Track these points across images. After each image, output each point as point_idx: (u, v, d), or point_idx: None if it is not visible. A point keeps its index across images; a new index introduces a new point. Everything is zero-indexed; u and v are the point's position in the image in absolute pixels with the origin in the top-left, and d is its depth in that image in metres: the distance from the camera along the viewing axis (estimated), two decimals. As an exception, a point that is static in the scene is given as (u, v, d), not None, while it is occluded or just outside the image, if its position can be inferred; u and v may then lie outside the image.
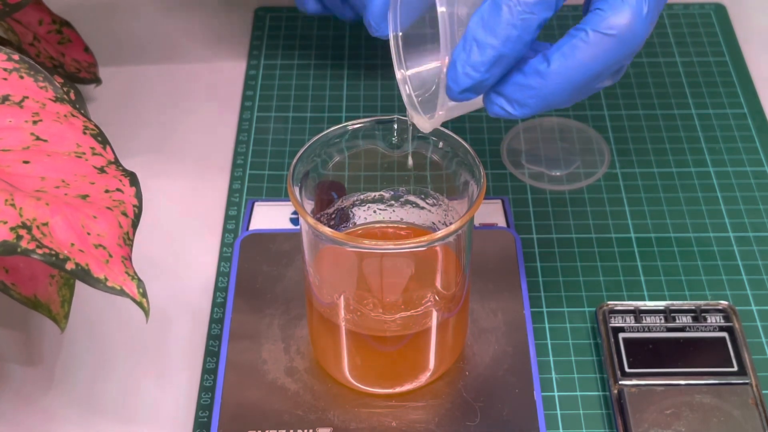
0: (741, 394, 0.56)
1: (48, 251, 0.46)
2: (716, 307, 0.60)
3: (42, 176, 0.49)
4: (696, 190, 0.69)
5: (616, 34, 0.45)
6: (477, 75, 0.45)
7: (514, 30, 0.44)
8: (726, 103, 0.75)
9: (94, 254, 0.47)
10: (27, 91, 0.53)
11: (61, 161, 0.50)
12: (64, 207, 0.48)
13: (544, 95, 0.45)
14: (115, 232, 0.49)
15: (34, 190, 0.48)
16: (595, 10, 0.45)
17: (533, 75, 0.45)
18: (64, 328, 0.56)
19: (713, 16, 0.83)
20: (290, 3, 0.84)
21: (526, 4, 0.44)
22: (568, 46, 0.45)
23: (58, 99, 0.53)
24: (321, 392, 0.56)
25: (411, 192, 0.57)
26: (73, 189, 0.49)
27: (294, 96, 0.76)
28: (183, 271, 0.64)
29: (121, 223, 0.49)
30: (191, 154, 0.72)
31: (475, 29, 0.44)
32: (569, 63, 0.45)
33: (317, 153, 0.54)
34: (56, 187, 0.49)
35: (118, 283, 0.47)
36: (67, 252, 0.46)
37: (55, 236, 0.46)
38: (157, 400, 0.58)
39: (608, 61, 0.45)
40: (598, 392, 0.58)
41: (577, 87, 0.46)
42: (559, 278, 0.64)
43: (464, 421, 0.55)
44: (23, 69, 0.53)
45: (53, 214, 0.47)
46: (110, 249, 0.48)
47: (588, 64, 0.45)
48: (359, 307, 0.54)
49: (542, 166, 0.70)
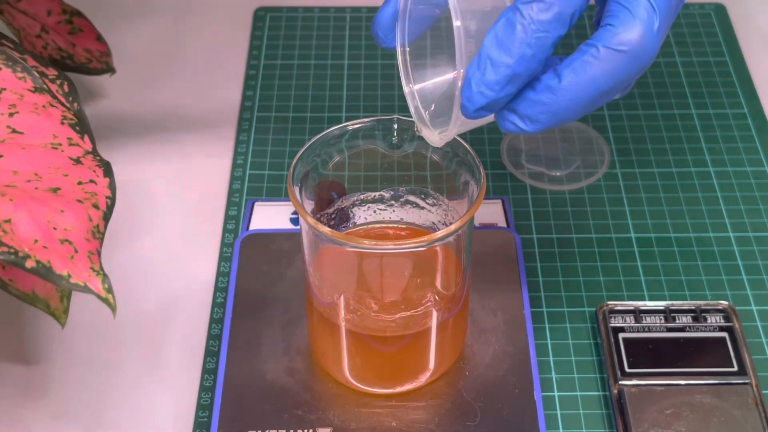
0: (741, 394, 0.56)
1: (7, 249, 0.45)
2: (716, 307, 0.60)
3: (15, 170, 0.49)
4: (696, 190, 0.69)
5: (628, 50, 0.44)
6: (492, 94, 0.45)
7: (528, 49, 0.44)
8: (726, 103, 0.75)
9: (59, 250, 0.46)
10: (4, 83, 0.52)
11: (35, 154, 0.50)
12: (30, 202, 0.47)
13: (555, 111, 0.45)
14: (84, 225, 0.48)
15: (3, 185, 0.48)
16: (606, 25, 0.45)
17: (544, 91, 0.45)
18: (64, 323, 0.55)
19: (713, 16, 0.83)
20: (290, 3, 0.84)
21: (540, 22, 0.44)
22: (579, 62, 0.45)
23: (36, 89, 0.52)
24: (321, 392, 0.56)
25: (411, 192, 0.57)
26: (45, 182, 0.49)
27: (294, 96, 0.76)
28: (183, 270, 0.64)
29: (91, 216, 0.48)
30: (191, 154, 0.72)
31: (489, 48, 0.44)
32: (580, 79, 0.45)
33: (317, 153, 0.54)
34: (27, 180, 0.48)
35: (81, 280, 0.46)
36: (28, 249, 0.45)
37: (18, 233, 0.46)
38: (157, 400, 0.58)
39: (619, 76, 0.45)
40: (598, 392, 0.58)
41: (588, 102, 0.45)
42: (559, 278, 0.64)
43: (464, 421, 0.55)
44: (0, 60, 0.53)
45: (17, 209, 0.46)
46: (76, 244, 0.47)
47: (599, 80, 0.45)
48: (359, 307, 0.54)
49: (542, 166, 0.70)
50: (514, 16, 0.44)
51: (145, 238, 0.66)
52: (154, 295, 0.63)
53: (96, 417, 0.57)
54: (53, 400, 0.58)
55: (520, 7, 0.44)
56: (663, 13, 0.45)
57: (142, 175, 0.70)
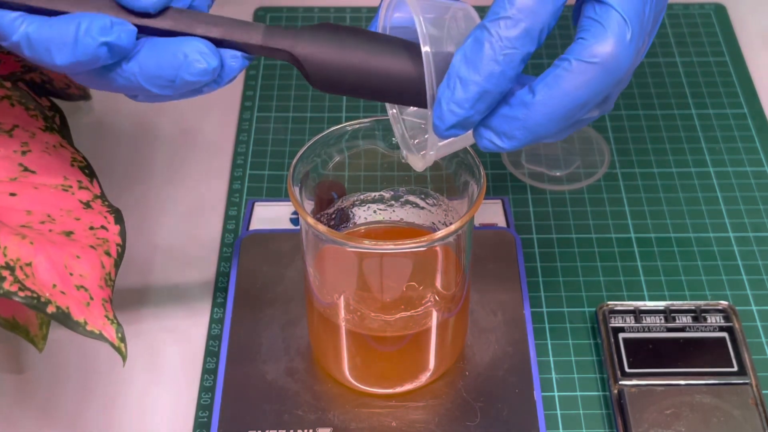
0: (741, 394, 0.56)
1: (30, 294, 0.45)
2: (716, 307, 0.60)
3: (28, 210, 0.49)
4: (696, 190, 0.69)
5: (599, 62, 0.44)
6: (462, 112, 0.45)
7: (497, 66, 0.44)
8: (726, 103, 0.75)
9: (75, 296, 0.47)
10: (17, 120, 0.52)
11: (47, 194, 0.50)
12: (48, 246, 0.47)
13: (530, 126, 0.45)
14: (98, 273, 0.48)
15: (19, 224, 0.48)
16: (579, 39, 0.45)
17: (518, 106, 0.45)
18: (41, 349, 0.55)
19: (713, 16, 0.83)
20: (290, 3, 0.84)
21: (508, 39, 0.44)
22: (551, 77, 0.45)
23: (47, 128, 0.52)
24: (321, 392, 0.56)
25: (411, 192, 0.57)
26: (59, 225, 0.49)
27: (294, 96, 0.76)
28: (183, 271, 0.64)
29: (104, 263, 0.49)
30: (191, 154, 0.72)
31: (458, 66, 0.44)
32: (553, 93, 0.45)
33: (317, 153, 0.54)
34: (41, 222, 0.49)
35: (97, 328, 0.47)
36: (49, 294, 0.46)
37: (38, 277, 0.46)
38: (157, 400, 0.58)
39: (593, 89, 0.45)
40: (598, 392, 0.58)
41: (563, 117, 0.45)
42: (559, 278, 0.64)
43: (464, 421, 0.55)
44: (15, 97, 0.53)
45: (37, 253, 0.46)
46: (92, 291, 0.47)
47: (572, 93, 0.45)
48: (359, 307, 0.54)
49: (542, 166, 0.70)
50: (482, 34, 0.44)
51: (145, 238, 0.66)
52: (154, 295, 0.63)
53: (96, 417, 0.57)
54: (53, 400, 0.58)
55: (487, 25, 0.44)
56: (635, 25, 0.45)
57: (142, 175, 0.70)
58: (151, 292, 0.63)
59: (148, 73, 0.45)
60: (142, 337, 0.61)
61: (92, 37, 0.44)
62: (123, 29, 0.44)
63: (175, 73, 0.45)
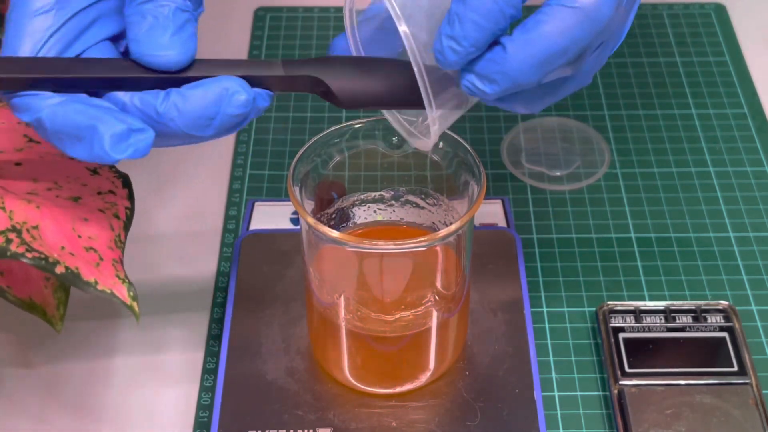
0: (741, 394, 0.56)
1: (38, 255, 0.45)
2: (716, 307, 0.60)
3: (34, 178, 0.49)
4: (696, 190, 0.69)
5: (579, 7, 0.45)
6: (461, 48, 0.45)
7: (494, 4, 0.44)
8: (726, 103, 0.75)
9: (85, 257, 0.47)
10: None
11: (53, 163, 0.50)
12: (55, 210, 0.47)
13: (507, 70, 0.45)
14: (107, 234, 0.48)
15: (26, 192, 0.48)
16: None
17: (498, 50, 0.45)
18: (59, 330, 0.55)
19: (713, 16, 0.83)
20: (290, 3, 0.84)
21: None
22: (532, 21, 0.45)
23: None
24: (321, 392, 0.56)
25: (411, 192, 0.57)
26: (65, 191, 0.49)
27: (294, 96, 0.76)
28: (183, 271, 0.64)
29: (113, 226, 0.49)
30: (191, 154, 0.72)
31: (457, 4, 0.45)
32: (532, 36, 0.45)
33: (317, 153, 0.54)
34: (48, 189, 0.49)
35: (108, 287, 0.47)
36: (57, 255, 0.46)
37: (45, 239, 0.46)
38: (158, 400, 0.58)
39: (572, 36, 0.45)
40: (598, 392, 0.58)
41: (542, 62, 0.45)
42: (559, 278, 0.64)
43: (464, 421, 0.55)
44: None
45: (43, 217, 0.47)
46: (101, 252, 0.48)
47: (550, 38, 0.45)
48: (359, 307, 0.54)
49: (542, 166, 0.70)
50: None
51: (146, 238, 0.66)
52: (154, 295, 0.63)
53: (96, 417, 0.57)
54: (53, 400, 0.58)
55: None
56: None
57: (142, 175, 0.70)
58: (151, 292, 0.63)
59: (190, 114, 0.45)
60: (142, 337, 0.61)
61: (105, 152, 0.44)
62: (141, 139, 0.44)
63: (217, 109, 0.45)
